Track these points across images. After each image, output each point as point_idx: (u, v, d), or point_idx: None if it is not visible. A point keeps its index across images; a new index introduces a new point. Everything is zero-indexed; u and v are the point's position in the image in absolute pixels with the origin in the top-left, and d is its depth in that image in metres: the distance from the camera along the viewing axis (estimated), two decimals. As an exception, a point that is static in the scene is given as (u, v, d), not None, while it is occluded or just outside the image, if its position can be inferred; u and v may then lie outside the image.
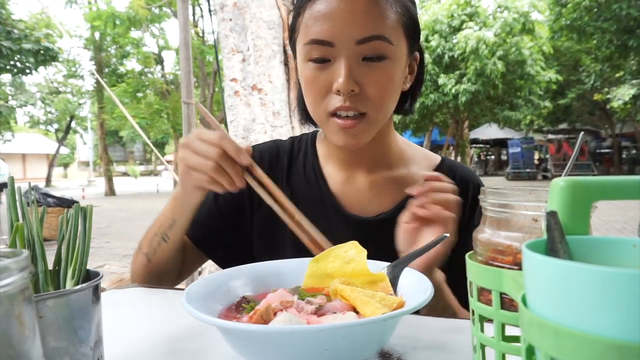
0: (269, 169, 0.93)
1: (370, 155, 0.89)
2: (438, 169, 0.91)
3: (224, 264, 0.95)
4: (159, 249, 0.85)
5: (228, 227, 0.94)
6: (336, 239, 0.71)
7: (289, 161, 0.96)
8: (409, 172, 0.91)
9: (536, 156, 23.16)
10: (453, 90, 13.26)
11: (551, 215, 0.30)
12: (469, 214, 0.87)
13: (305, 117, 0.91)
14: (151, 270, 0.87)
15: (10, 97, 18.60)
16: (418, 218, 0.72)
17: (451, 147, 18.71)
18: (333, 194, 0.90)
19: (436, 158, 0.95)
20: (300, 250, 0.77)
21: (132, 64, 18.80)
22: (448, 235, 0.63)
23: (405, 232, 0.74)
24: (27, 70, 11.22)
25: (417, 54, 0.86)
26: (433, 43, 13.63)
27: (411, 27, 0.80)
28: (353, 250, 0.62)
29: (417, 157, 0.94)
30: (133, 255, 0.91)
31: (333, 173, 0.92)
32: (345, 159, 0.91)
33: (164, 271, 0.88)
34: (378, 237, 0.76)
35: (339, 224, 0.87)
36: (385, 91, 0.77)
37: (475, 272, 0.40)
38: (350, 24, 0.73)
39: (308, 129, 0.99)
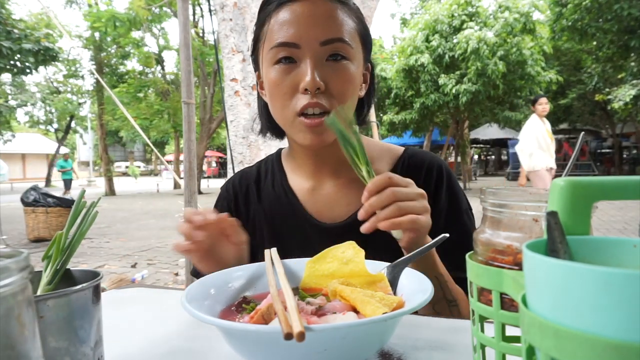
0: (242, 202, 0.99)
1: (335, 159, 0.92)
2: (400, 158, 0.95)
3: None
4: None
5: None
6: (311, 248, 0.70)
7: (257, 185, 1.01)
8: (374, 169, 0.91)
9: (536, 156, 23.10)
10: (453, 91, 13.25)
11: (551, 216, 0.30)
12: (435, 197, 0.89)
13: (268, 127, 0.95)
14: None
15: (10, 97, 18.61)
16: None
17: (451, 147, 18.71)
18: (302, 205, 0.93)
19: (399, 149, 0.98)
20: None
21: (132, 64, 18.83)
22: (447, 235, 0.63)
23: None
24: (27, 70, 11.22)
25: (369, 65, 0.92)
26: (434, 43, 13.63)
27: (365, 37, 0.87)
28: (351, 251, 0.62)
29: (380, 152, 0.97)
30: None
31: (300, 184, 0.96)
32: (311, 168, 0.94)
33: None
34: (351, 239, 0.78)
35: (312, 234, 0.89)
36: (347, 89, 0.82)
37: (476, 272, 0.39)
38: (315, 27, 0.79)
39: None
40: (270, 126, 0.94)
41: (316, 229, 0.90)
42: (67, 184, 15.36)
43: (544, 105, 5.54)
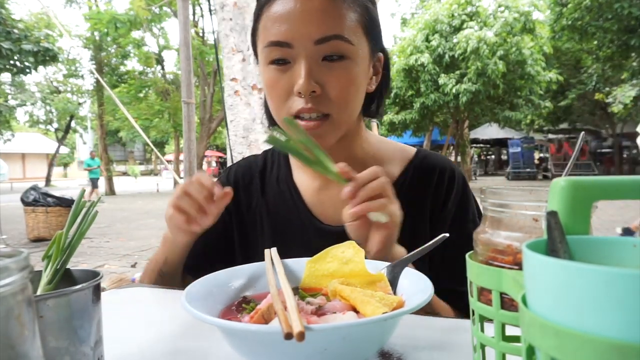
0: (243, 191, 0.96)
1: (343, 159, 0.85)
2: (412, 161, 0.91)
3: None
4: (158, 282, 0.88)
5: (220, 254, 0.95)
6: (313, 250, 0.68)
7: (261, 177, 0.96)
8: (385, 169, 0.90)
9: (536, 156, 23.21)
10: (454, 90, 13.27)
11: (551, 215, 0.30)
12: (445, 202, 0.87)
13: (272, 123, 0.90)
14: None
15: (10, 97, 18.61)
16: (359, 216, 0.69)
17: (451, 147, 18.71)
18: (306, 205, 0.89)
19: (411, 150, 0.94)
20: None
21: (132, 64, 18.83)
22: (447, 235, 0.63)
23: (355, 229, 0.70)
24: (27, 70, 11.22)
25: (381, 55, 0.85)
26: (434, 43, 13.65)
27: (371, 27, 0.79)
28: (351, 251, 0.62)
29: (392, 153, 0.93)
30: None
31: (305, 182, 0.91)
32: None
33: None
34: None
35: (315, 236, 0.86)
36: (347, 91, 0.76)
37: (476, 272, 0.39)
38: (308, 24, 0.72)
39: None
40: (274, 122, 0.90)
41: (319, 232, 0.86)
42: (95, 183, 14.91)
43: None
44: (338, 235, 0.79)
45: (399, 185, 0.87)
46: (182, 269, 0.89)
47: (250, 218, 0.95)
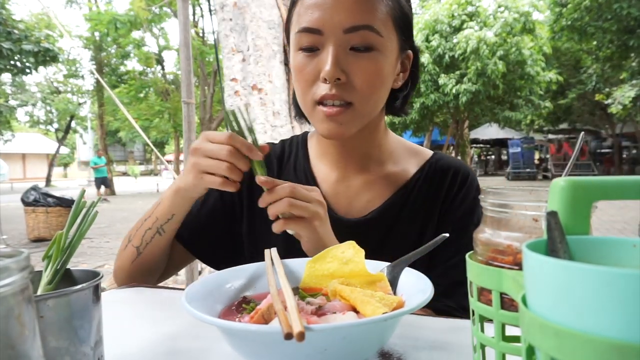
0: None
1: (361, 153, 0.89)
2: (429, 160, 0.93)
3: (213, 264, 0.96)
4: (152, 243, 0.85)
5: (217, 229, 0.94)
6: None
7: (279, 164, 0.96)
8: (400, 169, 0.91)
9: (536, 156, 23.20)
10: (453, 90, 13.26)
11: (551, 215, 0.30)
12: (453, 200, 0.88)
13: (299, 112, 0.91)
14: (139, 264, 0.86)
15: (10, 97, 18.62)
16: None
17: (451, 147, 18.71)
18: (324, 195, 0.89)
19: (428, 153, 0.95)
20: (290, 251, 0.75)
21: (132, 64, 18.83)
22: (447, 235, 0.63)
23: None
24: (27, 70, 11.21)
25: (410, 52, 0.86)
26: (434, 43, 13.63)
27: (402, 22, 0.80)
28: (351, 251, 0.62)
29: (409, 152, 0.94)
30: (118, 251, 0.90)
31: (324, 173, 0.92)
32: (336, 158, 0.91)
33: (152, 266, 0.88)
34: (366, 237, 0.77)
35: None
36: (372, 82, 0.77)
37: (476, 272, 0.39)
38: (339, 12, 0.74)
39: (309, 129, 0.99)
40: (300, 111, 0.90)
41: (334, 223, 0.85)
42: (100, 182, 14.41)
43: None
44: (352, 227, 0.84)
45: (414, 181, 0.89)
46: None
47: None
